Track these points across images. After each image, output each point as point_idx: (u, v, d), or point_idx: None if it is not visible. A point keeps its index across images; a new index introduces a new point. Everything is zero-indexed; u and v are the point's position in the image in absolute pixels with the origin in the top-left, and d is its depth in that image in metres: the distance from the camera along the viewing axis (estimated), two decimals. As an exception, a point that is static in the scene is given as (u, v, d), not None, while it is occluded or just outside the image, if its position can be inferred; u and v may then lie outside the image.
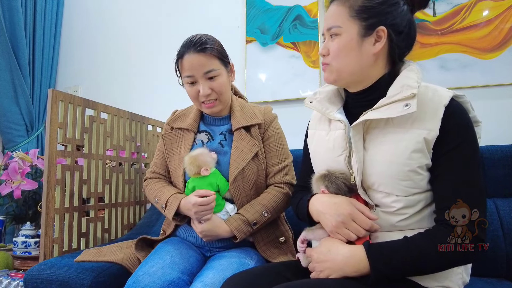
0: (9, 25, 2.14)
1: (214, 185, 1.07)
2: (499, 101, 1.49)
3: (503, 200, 1.22)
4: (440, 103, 0.73)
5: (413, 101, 0.71)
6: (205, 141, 1.16)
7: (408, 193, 0.74)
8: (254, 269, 0.87)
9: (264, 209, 1.07)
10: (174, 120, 1.23)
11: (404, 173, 0.73)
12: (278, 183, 1.14)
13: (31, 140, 2.25)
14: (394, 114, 0.72)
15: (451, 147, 0.72)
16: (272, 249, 1.10)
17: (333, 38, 0.80)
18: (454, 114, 0.73)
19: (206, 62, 1.07)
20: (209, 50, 1.07)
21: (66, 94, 1.32)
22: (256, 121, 1.15)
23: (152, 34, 2.27)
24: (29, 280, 1.08)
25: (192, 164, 1.07)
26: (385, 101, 0.76)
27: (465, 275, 0.78)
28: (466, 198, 0.69)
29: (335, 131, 0.85)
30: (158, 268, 0.95)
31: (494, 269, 1.13)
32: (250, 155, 1.10)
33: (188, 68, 1.08)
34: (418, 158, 0.72)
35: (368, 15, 0.76)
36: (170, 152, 1.20)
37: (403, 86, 0.75)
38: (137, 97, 2.24)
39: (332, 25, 0.79)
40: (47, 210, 1.21)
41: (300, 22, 1.87)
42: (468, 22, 1.55)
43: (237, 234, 1.03)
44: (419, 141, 0.72)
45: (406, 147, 0.73)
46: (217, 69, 1.08)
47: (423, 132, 0.72)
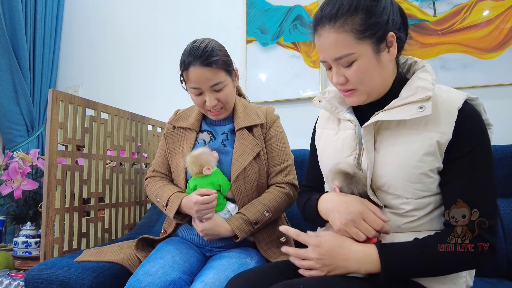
0: (10, 25, 2.14)
1: (216, 184, 1.07)
2: (499, 101, 1.48)
3: (504, 200, 1.22)
4: (454, 106, 0.72)
5: (428, 103, 0.70)
6: (207, 141, 1.17)
7: (418, 195, 0.73)
8: (258, 268, 0.86)
9: (265, 208, 1.07)
10: (177, 119, 1.23)
11: (415, 175, 0.72)
12: (280, 183, 1.15)
13: (31, 140, 2.25)
14: (407, 117, 0.71)
15: (465, 152, 0.71)
16: (273, 249, 1.10)
17: (349, 65, 0.75)
18: (468, 118, 0.71)
19: (213, 76, 1.05)
20: (214, 64, 1.05)
21: (67, 94, 1.32)
22: (259, 121, 1.15)
23: (153, 34, 2.27)
24: (29, 280, 1.08)
25: (194, 163, 1.07)
26: (398, 102, 0.74)
27: (469, 278, 0.77)
28: (478, 203, 0.68)
29: (345, 131, 0.84)
30: (159, 268, 0.95)
31: (495, 269, 1.13)
32: (252, 155, 1.10)
33: (194, 81, 1.06)
34: (430, 161, 0.71)
35: (376, 30, 0.73)
36: (172, 151, 1.20)
37: (418, 88, 0.73)
38: (137, 97, 2.24)
39: (342, 55, 0.73)
40: (47, 210, 1.22)
41: (300, 22, 1.87)
42: (468, 22, 1.54)
43: (238, 233, 1.03)
44: (432, 144, 0.71)
45: (418, 150, 0.72)
46: (223, 81, 1.08)
47: (436, 135, 0.71)
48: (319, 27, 0.75)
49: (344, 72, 0.76)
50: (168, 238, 1.17)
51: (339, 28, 0.72)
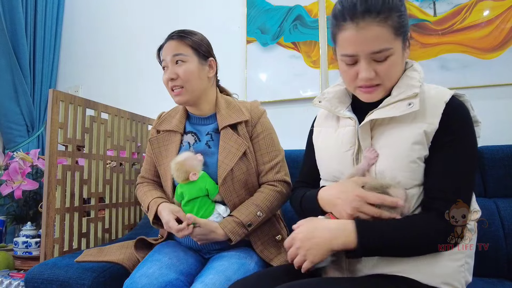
0: (10, 25, 2.14)
1: (204, 189, 1.05)
2: (499, 101, 1.49)
3: (504, 200, 1.21)
4: (441, 100, 0.76)
5: (415, 100, 0.75)
6: (192, 143, 1.14)
7: (408, 185, 0.76)
8: (257, 274, 0.87)
9: (258, 209, 1.05)
10: (160, 122, 1.21)
11: (405, 163, 0.76)
12: (271, 181, 1.12)
13: (31, 140, 2.25)
14: (398, 113, 0.76)
15: (448, 140, 0.75)
16: (269, 248, 1.09)
17: (383, 60, 0.75)
18: (454, 110, 0.76)
19: (176, 46, 1.09)
20: (183, 38, 1.09)
21: (67, 94, 1.32)
22: (243, 118, 1.11)
23: (153, 34, 2.26)
24: (29, 280, 1.08)
25: (179, 170, 1.04)
26: (390, 100, 0.79)
27: (468, 274, 0.78)
28: (452, 188, 0.73)
29: (344, 127, 0.87)
30: (156, 269, 0.94)
31: (495, 269, 1.13)
32: (238, 155, 1.06)
33: (163, 54, 1.11)
34: (418, 149, 0.75)
35: (405, 29, 0.77)
36: (158, 156, 1.17)
37: (407, 86, 0.78)
38: (137, 97, 2.24)
39: (382, 48, 0.73)
40: (47, 210, 1.22)
41: (300, 22, 1.87)
42: (468, 22, 1.54)
43: (232, 237, 1.01)
44: (420, 133, 0.75)
45: (407, 139, 0.76)
46: (185, 55, 1.09)
47: (423, 125, 0.75)
48: (359, 19, 0.73)
49: (375, 67, 0.76)
50: (165, 241, 1.15)
51: (382, 22, 0.72)
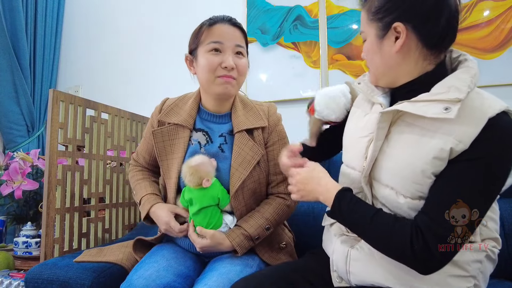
0: (10, 26, 2.14)
1: (215, 198, 1.00)
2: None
3: (504, 200, 1.21)
4: (484, 114, 0.63)
5: (455, 106, 0.63)
6: (203, 143, 1.06)
7: (415, 196, 0.71)
8: (260, 273, 0.87)
9: (267, 223, 1.02)
10: (166, 113, 1.10)
11: (418, 176, 0.68)
12: (282, 194, 1.08)
13: (32, 140, 2.25)
14: (429, 114, 0.65)
15: (472, 157, 0.64)
16: (272, 253, 1.07)
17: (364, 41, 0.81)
18: (495, 127, 0.63)
19: (239, 36, 1.04)
20: (243, 32, 1.06)
21: (67, 94, 1.32)
22: (261, 123, 1.06)
23: (153, 34, 2.27)
24: (29, 280, 1.08)
25: (193, 175, 0.98)
26: (425, 97, 0.69)
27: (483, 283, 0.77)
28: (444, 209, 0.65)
29: (373, 114, 0.82)
30: (153, 271, 0.92)
31: (495, 270, 1.12)
32: (253, 163, 1.01)
33: (219, 35, 1.00)
34: (437, 165, 0.66)
35: (382, 15, 0.73)
36: (161, 151, 1.08)
37: (451, 87, 0.66)
38: (137, 97, 2.24)
39: (361, 30, 0.81)
40: (48, 210, 1.22)
41: (300, 22, 1.87)
42: (469, 22, 1.54)
43: (239, 250, 0.98)
44: (445, 149, 0.65)
45: (428, 152, 0.67)
46: (245, 49, 1.05)
47: (452, 140, 0.64)
48: None
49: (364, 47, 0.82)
50: (163, 244, 1.12)
51: (364, 6, 0.79)
